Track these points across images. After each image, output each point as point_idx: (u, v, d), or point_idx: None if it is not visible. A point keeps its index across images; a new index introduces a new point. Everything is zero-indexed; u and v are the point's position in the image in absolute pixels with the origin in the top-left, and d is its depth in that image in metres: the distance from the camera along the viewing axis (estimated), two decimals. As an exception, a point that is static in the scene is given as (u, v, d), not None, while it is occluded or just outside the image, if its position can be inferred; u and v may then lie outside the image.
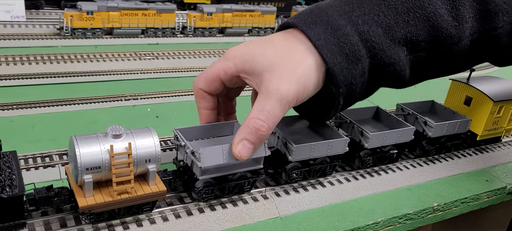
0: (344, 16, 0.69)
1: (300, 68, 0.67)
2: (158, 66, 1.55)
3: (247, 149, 0.69)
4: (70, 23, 1.71)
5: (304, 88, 0.68)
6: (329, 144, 0.85)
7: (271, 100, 0.67)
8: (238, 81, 0.74)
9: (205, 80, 0.76)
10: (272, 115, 0.67)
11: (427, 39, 0.71)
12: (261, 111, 0.67)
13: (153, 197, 0.72)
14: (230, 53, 0.73)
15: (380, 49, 0.69)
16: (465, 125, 1.04)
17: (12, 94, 1.19)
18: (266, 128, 0.68)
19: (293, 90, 0.67)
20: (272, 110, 0.67)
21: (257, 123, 0.67)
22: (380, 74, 0.72)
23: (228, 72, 0.73)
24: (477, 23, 0.73)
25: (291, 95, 0.67)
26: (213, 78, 0.75)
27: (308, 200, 0.85)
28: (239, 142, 0.69)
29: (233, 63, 0.72)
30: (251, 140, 0.69)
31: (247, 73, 0.71)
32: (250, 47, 0.72)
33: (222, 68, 0.73)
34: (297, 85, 0.67)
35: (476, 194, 0.96)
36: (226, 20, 2.04)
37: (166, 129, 1.01)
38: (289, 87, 0.66)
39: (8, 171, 0.64)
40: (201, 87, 0.76)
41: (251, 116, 0.68)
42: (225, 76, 0.73)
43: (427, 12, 0.70)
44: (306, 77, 0.67)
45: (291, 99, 0.67)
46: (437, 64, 0.76)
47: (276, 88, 0.66)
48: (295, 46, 0.69)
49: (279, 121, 0.69)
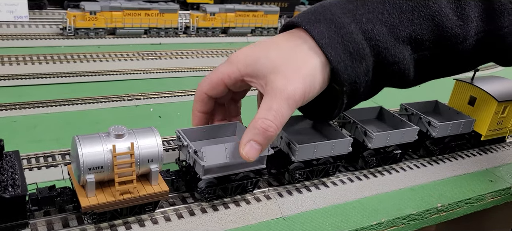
0: (348, 15, 0.69)
1: (305, 68, 0.67)
2: (160, 66, 1.55)
3: (255, 150, 0.68)
4: (73, 23, 1.71)
5: (310, 88, 0.67)
6: (333, 144, 0.85)
7: (278, 100, 0.66)
8: (243, 84, 0.74)
9: (210, 84, 0.76)
10: (280, 115, 0.66)
11: (432, 38, 0.71)
12: (269, 111, 0.66)
13: (156, 197, 0.72)
14: (234, 57, 0.73)
15: (384, 48, 0.69)
16: (469, 125, 1.04)
17: (15, 94, 1.20)
18: (274, 128, 0.67)
19: (300, 90, 0.66)
20: (280, 110, 0.66)
21: (265, 123, 0.66)
22: (384, 73, 0.72)
23: (232, 76, 0.73)
24: (482, 22, 0.73)
25: (298, 94, 0.66)
26: (218, 82, 0.75)
27: (311, 201, 0.85)
28: (246, 142, 0.68)
29: (237, 67, 0.72)
30: (258, 141, 0.68)
31: (251, 76, 0.71)
32: (253, 50, 0.72)
33: (226, 73, 0.73)
34: (303, 84, 0.66)
35: (480, 195, 0.95)
36: (229, 20, 2.04)
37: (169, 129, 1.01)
38: (295, 86, 0.66)
39: (10, 171, 0.64)
40: (205, 91, 0.77)
41: (258, 116, 0.67)
42: (229, 81, 0.73)
43: (432, 11, 0.69)
44: (312, 76, 0.67)
45: (298, 98, 0.67)
46: (441, 64, 0.75)
47: (283, 88, 0.66)
48: (299, 46, 0.69)
49: (286, 120, 0.68)
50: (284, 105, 0.66)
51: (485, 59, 0.81)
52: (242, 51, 0.73)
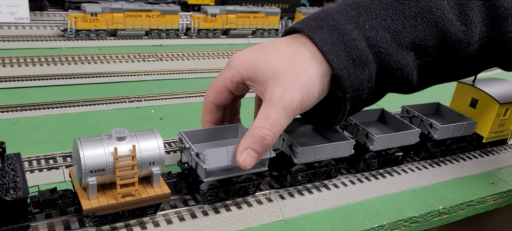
0: (351, 21, 0.68)
1: (304, 75, 0.66)
2: (162, 68, 1.55)
3: (252, 158, 0.68)
4: (74, 24, 1.71)
5: (308, 96, 0.67)
6: (334, 146, 0.85)
7: (276, 109, 0.66)
8: (245, 87, 0.75)
9: (214, 92, 0.76)
10: (277, 124, 0.66)
11: (435, 44, 0.70)
12: (266, 120, 0.66)
13: (157, 200, 0.72)
14: (235, 62, 0.73)
15: (388, 54, 0.68)
16: (471, 127, 1.04)
17: (16, 96, 1.20)
18: (271, 137, 0.67)
19: (297, 99, 0.66)
20: (277, 119, 0.66)
21: (262, 131, 0.67)
22: (387, 80, 0.71)
23: (233, 80, 0.73)
24: (486, 27, 0.72)
25: (295, 103, 0.66)
26: (221, 89, 0.75)
27: (313, 203, 0.85)
28: (243, 150, 0.68)
29: (238, 71, 0.72)
30: (256, 149, 0.68)
31: (251, 80, 0.71)
32: (253, 54, 0.72)
33: (228, 78, 0.73)
34: (301, 93, 0.66)
35: (482, 197, 0.95)
36: (230, 22, 2.04)
37: (170, 130, 1.01)
38: (293, 95, 0.66)
39: (12, 174, 0.64)
40: (211, 100, 0.77)
41: (256, 124, 0.67)
42: (231, 85, 0.73)
43: (435, 17, 0.69)
44: (310, 85, 0.67)
45: (296, 107, 0.66)
46: (445, 69, 0.75)
47: (281, 97, 0.66)
48: (300, 52, 0.68)
49: (284, 129, 0.68)
50: (282, 114, 0.66)
51: (489, 64, 0.80)
52: (243, 54, 0.73)
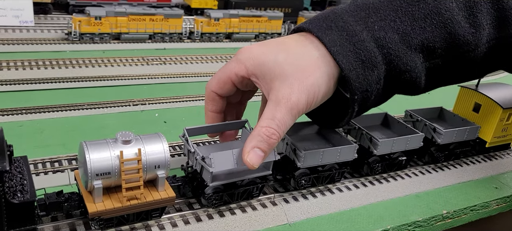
0: (360, 22, 0.68)
1: (312, 77, 0.67)
2: (165, 72, 1.56)
3: (258, 157, 0.69)
4: (78, 28, 1.72)
5: (313, 98, 0.67)
6: (338, 150, 0.85)
7: (282, 109, 0.66)
8: (250, 83, 0.74)
9: (218, 82, 0.75)
10: (283, 123, 0.67)
11: (444, 46, 0.70)
12: (272, 120, 0.67)
13: (162, 203, 0.72)
14: (243, 55, 0.72)
15: (396, 56, 0.68)
16: (474, 132, 1.04)
17: (21, 99, 1.20)
18: (277, 136, 0.67)
19: (303, 100, 0.66)
20: (283, 119, 0.67)
21: (268, 131, 0.67)
22: (395, 81, 0.71)
23: (239, 74, 0.72)
24: (494, 30, 0.72)
25: (301, 104, 0.66)
26: (226, 80, 0.74)
27: (317, 207, 0.85)
28: (250, 150, 0.68)
29: (245, 66, 0.71)
30: (262, 148, 0.68)
31: (257, 77, 0.71)
32: (263, 50, 0.71)
33: (233, 71, 0.73)
34: (307, 95, 0.66)
35: (485, 202, 0.95)
36: (233, 26, 2.05)
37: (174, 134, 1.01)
38: (299, 96, 0.66)
39: (19, 177, 0.64)
40: (213, 89, 0.76)
41: (262, 124, 0.67)
42: (236, 79, 0.73)
43: (444, 19, 0.69)
44: (317, 86, 0.67)
45: (301, 108, 0.67)
46: (452, 71, 0.75)
47: (287, 98, 0.66)
48: (308, 53, 0.68)
49: (289, 128, 0.69)
50: (288, 114, 0.67)
51: (496, 66, 0.80)
52: (252, 49, 0.72)
